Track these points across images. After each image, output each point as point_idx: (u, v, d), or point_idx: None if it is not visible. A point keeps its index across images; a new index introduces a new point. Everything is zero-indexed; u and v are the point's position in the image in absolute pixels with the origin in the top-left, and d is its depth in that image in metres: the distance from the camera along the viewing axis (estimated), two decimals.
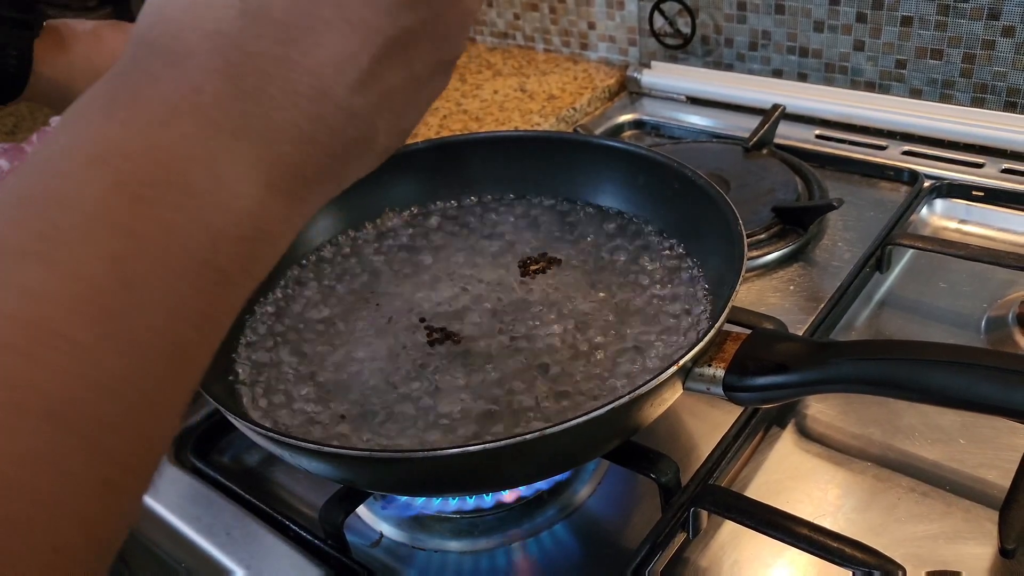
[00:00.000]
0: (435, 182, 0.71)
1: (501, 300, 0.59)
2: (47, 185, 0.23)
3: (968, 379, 0.40)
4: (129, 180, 0.23)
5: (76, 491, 0.21)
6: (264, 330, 0.60)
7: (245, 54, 0.26)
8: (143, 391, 0.23)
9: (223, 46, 0.26)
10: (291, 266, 0.65)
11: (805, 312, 0.65)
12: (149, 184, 0.24)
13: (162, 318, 0.23)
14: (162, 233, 0.23)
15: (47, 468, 0.20)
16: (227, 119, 0.26)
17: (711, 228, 0.57)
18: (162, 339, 0.23)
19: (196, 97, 0.25)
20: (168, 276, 0.23)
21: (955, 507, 0.50)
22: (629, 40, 1.03)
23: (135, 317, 0.23)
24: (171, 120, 0.25)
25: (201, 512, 0.55)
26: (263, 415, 0.53)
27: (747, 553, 0.49)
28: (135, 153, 0.24)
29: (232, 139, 0.26)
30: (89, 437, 0.21)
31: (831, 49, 0.88)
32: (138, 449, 0.23)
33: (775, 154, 0.83)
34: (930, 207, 0.76)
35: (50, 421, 0.20)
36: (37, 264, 0.22)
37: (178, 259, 0.24)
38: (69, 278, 0.22)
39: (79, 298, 0.22)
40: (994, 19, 0.77)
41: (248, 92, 0.26)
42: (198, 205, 0.24)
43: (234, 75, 0.26)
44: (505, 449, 0.41)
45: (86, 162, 0.23)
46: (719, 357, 0.46)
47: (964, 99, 0.82)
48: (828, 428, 0.56)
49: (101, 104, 0.25)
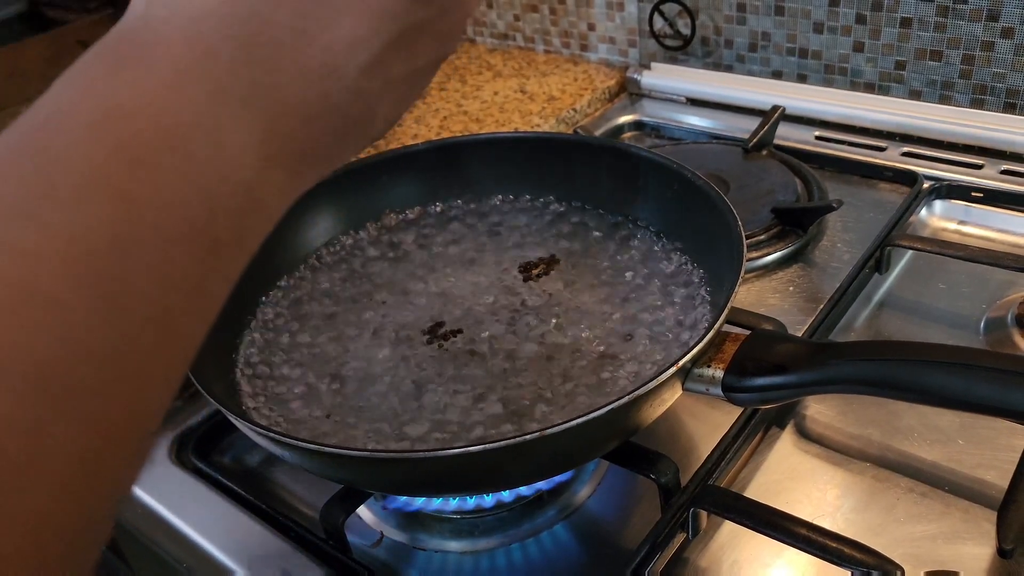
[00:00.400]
0: (435, 183, 0.71)
1: (501, 301, 0.60)
2: (48, 142, 0.23)
3: (966, 380, 0.40)
4: (130, 143, 0.23)
5: (55, 457, 0.20)
6: (266, 330, 0.60)
7: (263, 22, 0.25)
8: (130, 359, 0.22)
9: (242, 11, 0.25)
10: (293, 267, 0.65)
11: (805, 313, 0.65)
12: (151, 148, 0.23)
13: (154, 285, 0.23)
14: (160, 199, 0.23)
15: (24, 431, 0.20)
16: (237, 87, 0.25)
17: (711, 229, 0.57)
18: (152, 306, 0.23)
19: (208, 62, 0.25)
20: (162, 242, 0.23)
21: (953, 507, 0.50)
22: (629, 41, 1.03)
23: (126, 282, 0.22)
24: (180, 83, 0.24)
25: (202, 512, 0.55)
26: (264, 416, 0.53)
27: (746, 553, 0.49)
28: (138, 115, 0.23)
29: (241, 107, 0.25)
30: (71, 402, 0.20)
31: (831, 50, 0.88)
32: (123, 419, 0.22)
33: (775, 155, 0.83)
34: (929, 208, 0.76)
35: (30, 383, 0.20)
36: (31, 224, 0.21)
37: (175, 225, 0.23)
38: (62, 240, 0.21)
39: (70, 260, 0.21)
40: (993, 20, 0.77)
41: (260, 62, 0.26)
42: (199, 172, 0.24)
43: (249, 43, 0.25)
44: (505, 450, 0.41)
45: (87, 122, 0.23)
46: (718, 358, 0.47)
47: (963, 100, 0.82)
48: (827, 429, 0.57)
49: (108, 61, 0.25)
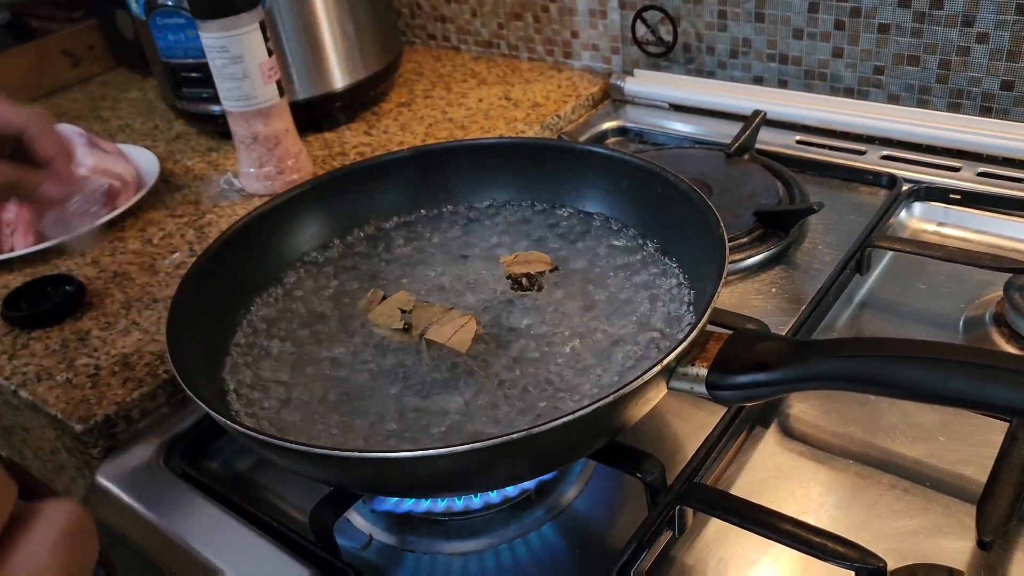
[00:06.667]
0: (421, 190, 0.71)
1: (486, 304, 0.60)
2: None
3: (943, 375, 0.41)
4: None
5: None
6: (254, 335, 0.60)
7: None
8: None
9: None
10: (280, 273, 0.65)
11: (787, 314, 0.66)
12: None
13: None
14: None
15: None
16: None
17: (694, 232, 0.58)
18: None
19: None
20: None
21: (935, 502, 0.51)
22: (612, 48, 1.04)
23: None
24: None
25: (191, 517, 0.55)
26: (252, 419, 0.53)
27: (732, 550, 0.50)
28: None
29: None
30: None
31: (810, 56, 0.89)
32: None
33: (756, 159, 0.84)
34: (908, 210, 0.77)
35: None
36: None
37: None
38: None
39: None
40: (968, 26, 0.79)
41: None
42: None
43: None
44: (492, 449, 0.41)
45: None
46: (702, 357, 0.47)
47: (941, 104, 0.84)
48: (811, 427, 0.57)
49: None
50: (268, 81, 0.83)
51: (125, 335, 0.68)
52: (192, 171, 0.95)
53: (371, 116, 1.03)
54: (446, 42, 1.21)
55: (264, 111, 0.84)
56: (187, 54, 0.93)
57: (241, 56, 0.80)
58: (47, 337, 0.69)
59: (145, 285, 0.75)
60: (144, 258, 0.79)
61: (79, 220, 0.62)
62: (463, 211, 0.71)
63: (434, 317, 0.54)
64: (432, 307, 0.55)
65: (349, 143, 0.97)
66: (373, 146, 0.96)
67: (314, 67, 0.96)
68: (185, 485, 0.57)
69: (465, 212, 0.71)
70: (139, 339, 0.68)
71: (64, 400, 0.62)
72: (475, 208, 0.71)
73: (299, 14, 0.93)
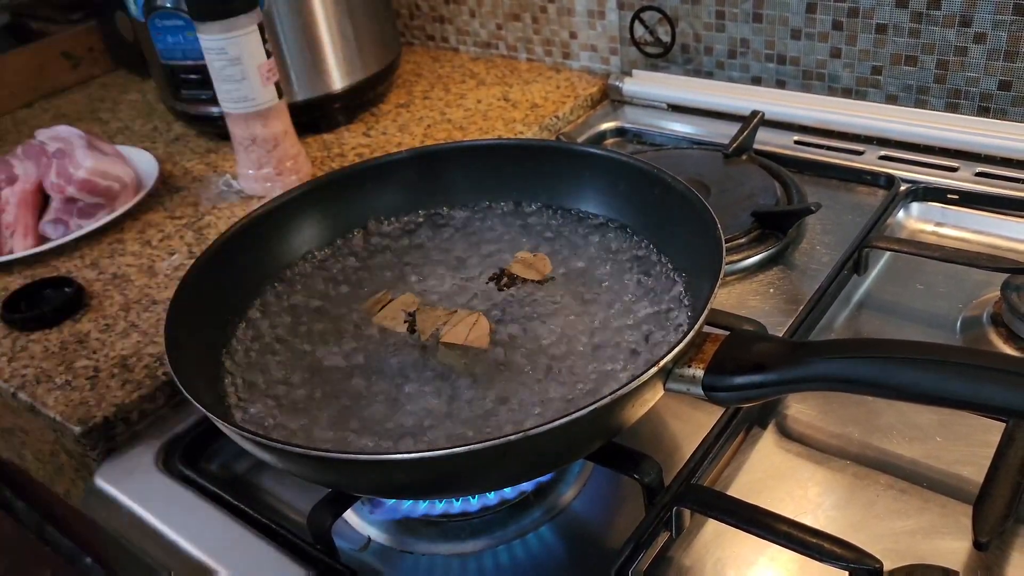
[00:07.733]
0: (419, 191, 0.71)
1: (483, 305, 0.60)
2: None
3: (939, 376, 0.41)
4: None
5: None
6: (252, 337, 0.60)
7: None
8: None
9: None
10: (279, 275, 0.66)
11: (785, 314, 0.66)
12: None
13: None
14: None
15: None
16: None
17: (691, 233, 0.58)
18: None
19: None
20: None
21: (932, 503, 0.51)
22: (610, 49, 1.04)
23: None
24: None
25: (189, 519, 0.55)
26: (251, 421, 0.53)
27: (730, 551, 0.50)
28: None
29: None
30: None
31: (808, 56, 0.89)
32: None
33: (754, 160, 0.84)
34: (906, 210, 0.77)
35: None
36: None
37: None
38: None
39: None
40: (966, 26, 0.79)
41: None
42: None
43: None
44: (489, 450, 0.41)
45: None
46: (699, 358, 0.47)
47: (938, 104, 0.84)
48: (808, 428, 0.57)
49: None
50: (267, 83, 0.83)
51: (124, 337, 0.69)
52: (191, 173, 0.95)
53: (370, 117, 1.03)
54: (445, 43, 1.21)
55: (263, 113, 0.84)
56: (186, 56, 0.93)
57: (239, 58, 0.80)
58: (46, 339, 0.70)
59: (144, 287, 0.75)
60: (143, 260, 0.79)
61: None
62: (462, 212, 0.71)
63: (440, 320, 0.54)
64: (436, 310, 0.55)
65: (348, 144, 0.97)
66: (372, 147, 0.96)
67: (312, 68, 0.96)
68: (184, 487, 0.57)
69: (464, 213, 0.71)
70: (138, 341, 0.68)
71: (63, 402, 0.62)
72: (474, 209, 0.71)
73: (298, 15, 0.93)
